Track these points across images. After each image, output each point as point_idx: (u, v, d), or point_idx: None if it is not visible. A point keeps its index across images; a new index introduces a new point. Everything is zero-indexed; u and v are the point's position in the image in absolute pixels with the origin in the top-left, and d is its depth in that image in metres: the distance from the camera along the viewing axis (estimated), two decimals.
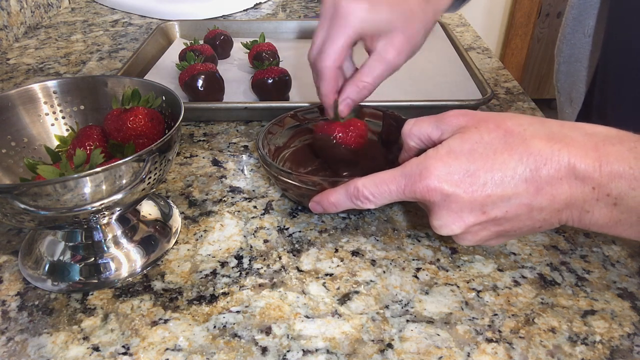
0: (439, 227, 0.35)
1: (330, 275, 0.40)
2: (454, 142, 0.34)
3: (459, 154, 0.33)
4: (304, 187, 0.43)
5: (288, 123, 0.52)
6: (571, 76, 0.65)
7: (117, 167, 0.35)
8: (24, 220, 0.35)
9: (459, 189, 0.33)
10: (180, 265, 0.42)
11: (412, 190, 0.34)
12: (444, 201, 0.34)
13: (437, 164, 0.33)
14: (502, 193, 0.32)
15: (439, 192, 0.33)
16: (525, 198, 0.32)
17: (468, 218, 0.34)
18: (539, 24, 2.21)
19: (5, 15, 0.86)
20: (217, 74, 0.63)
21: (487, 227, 0.35)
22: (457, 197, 0.33)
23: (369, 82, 0.46)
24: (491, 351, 0.34)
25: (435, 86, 0.68)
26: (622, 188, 0.30)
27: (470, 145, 0.33)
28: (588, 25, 0.60)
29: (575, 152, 0.31)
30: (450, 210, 0.34)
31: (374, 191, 0.36)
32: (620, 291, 0.39)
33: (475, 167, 0.33)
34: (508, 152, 0.32)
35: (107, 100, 0.46)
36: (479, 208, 0.33)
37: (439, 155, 0.34)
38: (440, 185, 0.33)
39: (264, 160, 0.45)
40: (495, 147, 0.33)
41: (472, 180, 0.33)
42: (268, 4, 1.08)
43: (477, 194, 0.33)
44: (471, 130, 0.34)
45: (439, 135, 0.36)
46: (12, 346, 0.35)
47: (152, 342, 0.35)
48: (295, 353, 0.34)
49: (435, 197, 0.34)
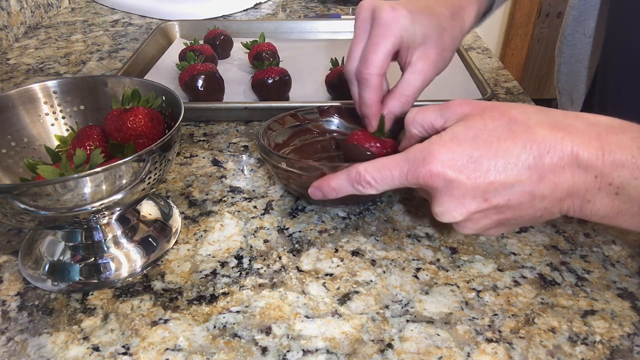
0: (440, 213, 0.35)
1: (330, 275, 0.40)
2: (457, 129, 0.34)
3: (462, 140, 0.33)
4: (304, 175, 0.42)
5: (288, 122, 0.52)
6: (572, 76, 0.65)
7: (117, 167, 0.35)
8: (24, 220, 0.35)
9: (462, 174, 0.33)
10: (180, 265, 0.42)
11: (415, 175, 0.34)
12: (447, 187, 0.33)
13: (441, 149, 0.33)
14: (504, 180, 0.32)
15: (442, 177, 0.33)
16: (527, 186, 0.32)
17: (470, 205, 0.34)
18: (539, 24, 2.21)
19: (5, 15, 0.86)
20: (217, 74, 0.63)
21: (488, 215, 0.34)
22: (459, 183, 0.33)
23: (410, 95, 0.46)
24: (491, 351, 0.34)
25: (435, 86, 0.67)
26: (624, 177, 0.31)
27: (474, 132, 0.33)
28: (588, 26, 0.60)
29: (579, 140, 0.31)
30: (453, 196, 0.34)
31: (376, 176, 0.36)
32: (620, 291, 0.39)
33: (478, 153, 0.33)
34: (512, 140, 0.32)
35: (107, 100, 0.46)
36: (481, 195, 0.33)
37: (442, 141, 0.34)
38: (443, 171, 0.33)
39: (264, 150, 0.45)
40: (499, 134, 0.33)
41: (475, 167, 0.33)
42: (268, 4, 1.08)
43: (480, 180, 0.33)
44: (475, 118, 0.34)
45: (442, 123, 0.36)
46: (12, 346, 0.35)
47: (152, 342, 0.35)
48: (295, 353, 0.34)
49: (438, 182, 0.34)
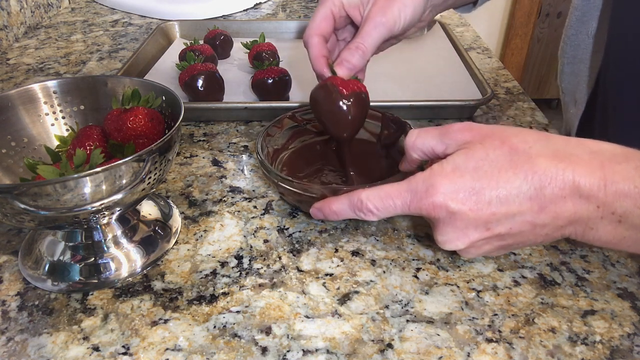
0: (443, 242, 0.36)
1: (330, 275, 0.40)
2: (459, 159, 0.34)
3: (464, 171, 0.34)
4: (304, 195, 0.43)
5: (287, 124, 0.52)
6: (575, 77, 0.65)
7: (117, 167, 0.35)
8: (24, 220, 0.35)
9: (465, 206, 0.33)
10: (180, 265, 0.42)
11: (418, 206, 0.35)
12: (449, 218, 0.34)
13: (443, 181, 0.34)
14: (506, 211, 0.33)
15: (445, 209, 0.34)
16: (529, 216, 0.33)
17: (473, 234, 0.34)
18: (539, 24, 2.21)
19: (5, 15, 0.86)
20: (217, 74, 0.63)
21: (490, 242, 0.35)
22: (462, 214, 0.33)
23: (360, 42, 0.47)
24: (491, 351, 0.34)
25: (435, 86, 0.68)
26: (627, 207, 0.31)
27: (475, 163, 0.34)
28: (591, 27, 0.60)
29: (580, 170, 0.31)
30: (456, 227, 0.34)
31: (378, 205, 0.36)
32: (620, 291, 0.39)
33: (480, 185, 0.33)
34: (513, 170, 0.32)
35: (107, 100, 0.46)
36: (483, 225, 0.34)
37: (444, 172, 0.34)
38: (445, 203, 0.33)
39: (264, 166, 0.45)
40: (500, 164, 0.33)
41: (477, 199, 0.33)
42: (268, 4, 1.08)
43: (482, 212, 0.33)
44: (476, 147, 0.34)
45: (443, 150, 0.36)
46: (12, 346, 0.35)
47: (152, 342, 0.35)
48: (295, 353, 0.34)
49: (440, 214, 0.34)
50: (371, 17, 0.46)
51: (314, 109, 0.48)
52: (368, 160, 0.51)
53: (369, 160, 0.51)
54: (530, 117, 0.64)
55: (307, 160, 0.51)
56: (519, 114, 0.64)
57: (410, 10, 0.47)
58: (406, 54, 0.77)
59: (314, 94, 0.47)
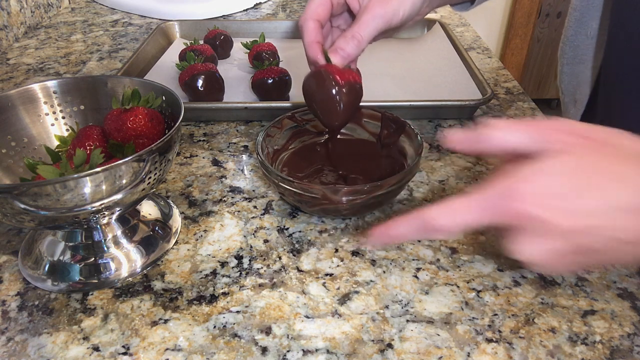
0: (516, 251, 0.31)
1: (330, 275, 0.40)
2: (548, 164, 0.30)
3: (552, 176, 0.30)
4: (304, 195, 0.43)
5: (286, 125, 0.52)
6: (575, 77, 0.65)
7: (117, 167, 0.35)
8: (24, 220, 0.35)
9: (548, 213, 0.29)
10: (180, 265, 0.42)
11: (501, 212, 0.30)
12: (530, 226, 0.30)
13: (528, 186, 0.30)
14: (592, 223, 0.29)
15: (527, 216, 0.29)
16: (620, 232, 0.29)
17: (551, 246, 0.30)
18: (539, 24, 2.21)
19: (5, 15, 0.86)
20: (217, 74, 0.63)
21: (566, 256, 0.31)
22: (544, 223, 0.29)
23: (357, 31, 0.46)
24: (491, 351, 0.34)
25: (435, 86, 0.68)
26: None
27: (565, 168, 0.30)
28: (591, 27, 0.60)
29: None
30: (535, 235, 0.30)
31: (449, 220, 0.31)
32: (620, 291, 0.39)
33: (567, 191, 0.29)
34: (608, 180, 0.29)
35: (107, 100, 0.46)
36: (565, 236, 0.30)
37: (531, 176, 0.30)
38: (529, 210, 0.29)
39: (264, 166, 0.45)
40: (591, 172, 0.29)
41: (564, 207, 0.29)
42: (268, 4, 1.07)
43: (567, 222, 0.29)
44: (568, 152, 0.30)
45: (532, 149, 0.32)
46: (12, 346, 0.35)
47: (152, 342, 0.35)
48: (295, 353, 0.34)
49: (521, 221, 0.30)
50: (370, 7, 0.46)
51: (306, 96, 0.47)
52: (368, 160, 0.51)
53: (369, 160, 0.51)
54: (531, 117, 0.64)
55: (307, 161, 0.51)
56: (519, 114, 0.64)
57: (409, 4, 0.47)
58: (406, 54, 0.77)
59: (308, 80, 0.47)
